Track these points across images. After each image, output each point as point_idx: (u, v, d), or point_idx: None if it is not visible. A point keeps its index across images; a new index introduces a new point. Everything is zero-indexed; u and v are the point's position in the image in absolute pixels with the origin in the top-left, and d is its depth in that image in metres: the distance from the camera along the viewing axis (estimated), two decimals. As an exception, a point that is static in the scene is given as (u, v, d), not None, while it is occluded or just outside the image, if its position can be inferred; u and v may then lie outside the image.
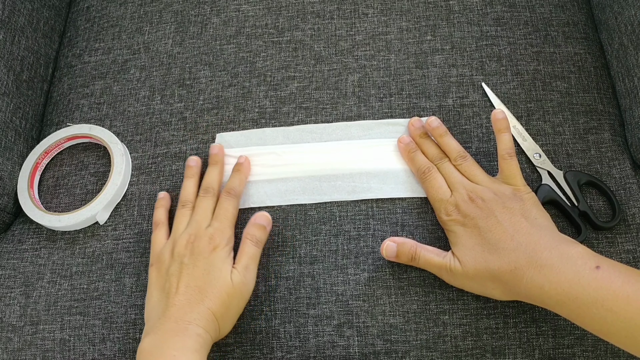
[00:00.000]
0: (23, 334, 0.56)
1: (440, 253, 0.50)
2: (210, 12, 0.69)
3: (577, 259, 0.43)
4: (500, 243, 0.47)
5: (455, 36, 0.64)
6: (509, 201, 0.49)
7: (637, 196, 0.55)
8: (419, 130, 0.58)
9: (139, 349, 0.46)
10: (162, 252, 0.53)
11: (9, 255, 0.60)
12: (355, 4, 0.67)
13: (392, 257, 0.51)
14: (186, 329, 0.46)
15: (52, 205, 0.61)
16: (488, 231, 0.48)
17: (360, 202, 0.57)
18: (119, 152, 0.61)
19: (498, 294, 0.48)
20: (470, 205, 0.50)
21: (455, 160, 0.54)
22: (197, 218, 0.53)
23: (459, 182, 0.52)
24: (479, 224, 0.48)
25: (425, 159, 0.56)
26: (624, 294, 0.40)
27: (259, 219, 0.54)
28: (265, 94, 0.63)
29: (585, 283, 0.42)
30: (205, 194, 0.55)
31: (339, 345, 0.52)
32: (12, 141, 0.63)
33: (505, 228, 0.47)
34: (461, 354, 0.51)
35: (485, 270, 0.47)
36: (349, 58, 0.64)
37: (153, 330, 0.47)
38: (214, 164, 0.58)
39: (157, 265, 0.52)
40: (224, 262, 0.50)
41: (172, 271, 0.50)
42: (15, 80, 0.65)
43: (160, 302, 0.49)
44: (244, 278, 0.50)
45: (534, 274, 0.44)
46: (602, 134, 0.59)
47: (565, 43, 0.63)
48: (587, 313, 0.42)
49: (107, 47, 0.69)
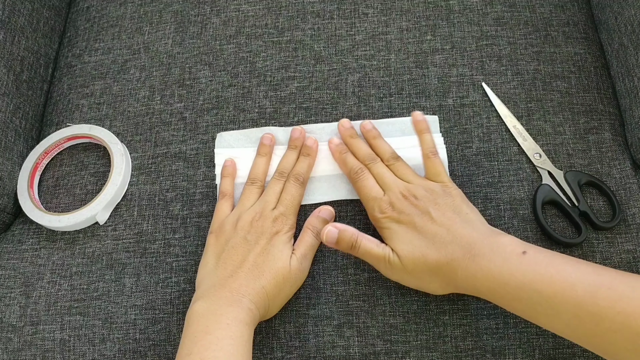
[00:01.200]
0: (23, 334, 0.56)
1: (380, 244, 0.50)
2: (210, 12, 0.69)
3: (506, 246, 0.45)
4: (436, 237, 0.48)
5: (455, 36, 0.64)
6: (440, 197, 0.51)
7: (637, 196, 0.55)
8: (349, 131, 0.59)
9: (190, 311, 0.47)
10: (225, 222, 0.53)
11: (9, 255, 0.60)
12: (355, 4, 0.67)
13: (332, 243, 0.51)
14: (240, 301, 0.47)
15: (52, 206, 0.61)
16: (423, 226, 0.49)
17: (360, 202, 0.57)
18: (118, 152, 0.61)
19: (434, 288, 0.49)
20: (404, 203, 0.51)
21: (388, 161, 0.56)
22: (267, 199, 0.54)
23: (392, 181, 0.53)
24: (415, 220, 0.49)
25: (356, 160, 0.57)
26: (548, 274, 0.42)
27: (323, 213, 0.55)
28: (265, 94, 0.63)
29: (513, 267, 0.44)
30: (280, 178, 0.56)
31: (339, 346, 0.52)
32: (12, 141, 0.63)
33: (440, 223, 0.48)
34: (461, 354, 0.51)
35: (424, 263, 0.47)
36: (349, 58, 0.64)
37: (207, 295, 0.48)
38: (294, 148, 0.59)
39: (217, 233, 0.53)
40: (285, 246, 0.51)
41: (233, 243, 0.51)
42: (15, 81, 0.65)
43: (216, 270, 0.50)
44: (301, 265, 0.52)
45: (468, 264, 0.45)
46: (602, 134, 0.59)
47: (565, 43, 0.63)
48: (515, 297, 0.43)
49: (107, 47, 0.69)
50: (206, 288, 0.49)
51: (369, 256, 0.50)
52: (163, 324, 0.54)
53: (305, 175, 0.57)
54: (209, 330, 0.45)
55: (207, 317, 0.46)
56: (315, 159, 0.58)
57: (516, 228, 0.55)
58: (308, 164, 0.57)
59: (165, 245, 0.58)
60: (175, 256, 0.57)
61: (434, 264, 0.47)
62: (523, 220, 0.55)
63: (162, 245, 0.58)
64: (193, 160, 0.61)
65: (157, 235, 0.58)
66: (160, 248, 0.57)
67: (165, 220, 0.59)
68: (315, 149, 0.58)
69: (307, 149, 0.58)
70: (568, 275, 0.42)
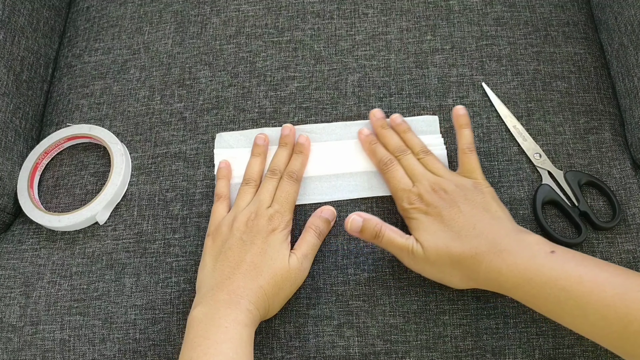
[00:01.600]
0: (23, 334, 0.56)
1: (404, 235, 0.50)
2: (210, 12, 0.69)
3: (533, 244, 0.45)
4: (462, 231, 0.48)
5: (455, 36, 0.64)
6: (470, 193, 0.50)
7: (637, 196, 0.55)
8: (380, 121, 0.59)
9: (190, 316, 0.47)
10: (221, 224, 0.53)
11: (9, 255, 0.60)
12: (355, 4, 0.67)
13: (356, 231, 0.51)
14: (238, 303, 0.47)
15: (52, 206, 0.61)
16: (451, 219, 0.49)
17: (360, 202, 0.57)
18: (118, 152, 0.61)
19: (456, 281, 0.49)
20: (433, 196, 0.51)
21: (418, 154, 0.56)
22: (261, 197, 0.54)
23: (421, 173, 0.53)
24: (442, 213, 0.49)
25: (386, 151, 0.57)
26: (577, 274, 0.42)
27: (325, 213, 0.55)
28: (265, 94, 0.63)
29: (540, 264, 0.43)
30: (273, 176, 0.56)
31: (339, 346, 0.52)
32: (12, 141, 0.63)
33: (468, 218, 0.48)
34: (461, 354, 0.51)
35: (447, 255, 0.47)
36: (349, 58, 0.64)
37: (205, 299, 0.48)
38: (284, 145, 0.58)
39: (214, 235, 0.53)
40: (281, 244, 0.51)
41: (230, 244, 0.51)
42: (15, 81, 0.65)
43: (213, 273, 0.50)
44: (301, 265, 0.51)
45: (493, 259, 0.45)
46: (602, 134, 0.59)
47: (565, 43, 0.63)
48: (541, 294, 0.43)
49: (107, 47, 0.69)
50: (205, 292, 0.49)
51: (392, 246, 0.50)
52: (163, 324, 0.54)
53: (299, 172, 0.57)
54: (208, 334, 0.45)
55: (205, 322, 0.46)
56: (308, 156, 0.58)
57: (516, 228, 0.55)
58: (301, 161, 0.57)
59: (165, 245, 0.58)
60: (175, 256, 0.57)
61: (457, 256, 0.47)
62: (523, 220, 0.55)
63: (162, 245, 0.58)
64: (193, 160, 0.61)
65: (157, 235, 0.58)
66: (160, 248, 0.57)
67: (165, 220, 0.59)
68: (307, 147, 0.58)
69: (300, 146, 0.58)
70: (597, 275, 0.41)
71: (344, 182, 0.57)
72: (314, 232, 0.54)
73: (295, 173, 0.56)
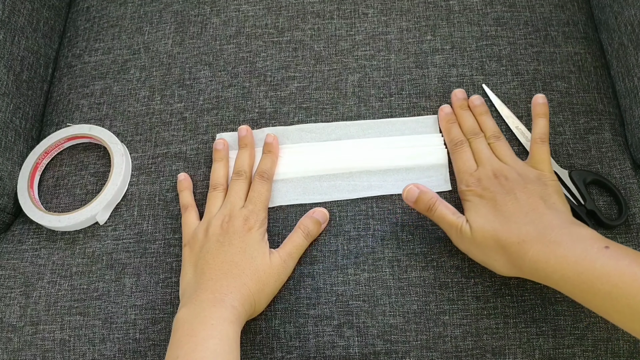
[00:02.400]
0: (23, 334, 0.56)
1: (456, 213, 0.51)
2: (210, 12, 0.69)
3: (587, 239, 0.44)
4: (513, 217, 0.48)
5: (455, 36, 0.64)
6: (531, 184, 0.50)
7: (637, 196, 0.55)
8: (461, 101, 0.59)
9: (176, 319, 0.47)
10: (195, 232, 0.54)
11: (9, 255, 0.60)
12: (355, 4, 0.67)
13: (411, 201, 0.52)
14: (223, 300, 0.47)
15: (52, 206, 0.61)
16: (504, 205, 0.49)
17: (360, 202, 0.57)
18: (119, 152, 0.60)
19: (499, 266, 0.48)
20: (493, 181, 0.51)
21: (489, 138, 0.56)
22: (231, 200, 0.54)
23: (487, 158, 0.54)
24: (497, 198, 0.49)
25: (460, 132, 0.57)
26: (631, 272, 0.41)
27: (317, 214, 0.55)
28: (265, 94, 0.63)
29: (592, 259, 0.42)
30: (238, 177, 0.56)
31: (339, 346, 0.52)
32: (12, 141, 0.63)
33: (521, 205, 0.48)
34: (461, 354, 0.51)
35: (493, 238, 0.47)
36: (349, 58, 0.64)
37: (190, 301, 0.48)
38: (244, 146, 0.59)
39: (190, 244, 0.53)
40: (260, 243, 0.52)
41: (207, 248, 0.51)
42: (15, 81, 0.65)
43: (195, 278, 0.50)
44: (284, 263, 0.52)
45: (541, 248, 0.45)
46: (602, 134, 0.59)
47: (565, 43, 0.63)
48: (591, 288, 0.42)
49: (107, 47, 0.69)
50: (189, 295, 0.49)
51: (443, 222, 0.51)
52: (163, 324, 0.54)
53: (270, 172, 0.57)
54: (194, 332, 0.45)
55: (190, 321, 0.46)
56: (277, 155, 0.59)
57: (516, 228, 0.55)
58: (271, 160, 0.58)
59: (165, 245, 0.58)
60: (176, 256, 0.57)
61: (503, 241, 0.47)
62: (523, 220, 0.55)
63: (162, 245, 0.58)
64: (193, 160, 0.61)
65: (157, 235, 0.58)
66: (160, 248, 0.57)
67: (165, 220, 0.59)
68: (276, 146, 0.59)
69: (269, 146, 0.58)
70: None
71: (343, 182, 0.57)
72: (302, 233, 0.54)
73: (267, 172, 0.57)
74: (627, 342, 0.51)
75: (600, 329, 0.51)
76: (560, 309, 0.52)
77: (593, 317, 0.51)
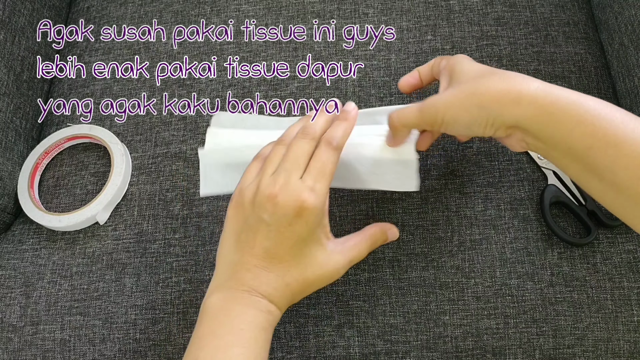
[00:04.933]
0: (23, 334, 0.56)
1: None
2: (210, 12, 0.69)
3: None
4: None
5: (455, 36, 0.64)
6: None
7: (637, 196, 0.55)
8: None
9: (206, 304, 0.43)
10: (246, 190, 0.44)
11: (9, 255, 0.60)
12: (356, 4, 0.67)
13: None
14: (259, 303, 0.42)
15: (52, 206, 0.61)
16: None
17: (360, 201, 0.57)
18: (119, 152, 0.61)
19: (483, 121, 0.43)
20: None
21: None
22: (289, 164, 0.43)
23: None
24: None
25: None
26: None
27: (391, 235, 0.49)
28: (265, 94, 0.63)
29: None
30: (304, 137, 0.44)
31: (339, 346, 0.52)
32: (13, 141, 0.63)
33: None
34: (461, 355, 0.51)
35: (480, 71, 0.46)
36: (349, 58, 0.64)
37: (224, 289, 0.43)
38: (344, 119, 0.46)
39: (236, 205, 0.44)
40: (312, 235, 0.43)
41: (251, 224, 0.43)
42: (15, 81, 0.65)
43: (234, 254, 0.43)
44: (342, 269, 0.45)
45: (540, 84, 0.43)
46: (602, 133, 0.59)
47: (565, 43, 0.63)
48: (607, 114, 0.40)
49: (107, 47, 0.69)
50: (224, 279, 0.43)
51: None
52: (163, 324, 0.54)
53: (341, 141, 0.45)
54: (219, 333, 0.41)
55: (219, 318, 0.42)
56: (353, 126, 0.47)
57: (517, 228, 0.55)
58: (344, 128, 0.45)
59: (165, 245, 0.58)
60: (175, 256, 0.57)
61: (498, 71, 0.46)
62: (524, 220, 0.55)
63: (162, 245, 0.58)
64: (193, 160, 0.61)
65: (157, 235, 0.58)
66: (160, 248, 0.57)
67: (165, 220, 0.59)
68: (354, 115, 0.47)
69: (346, 113, 0.46)
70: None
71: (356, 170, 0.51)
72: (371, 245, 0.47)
73: (337, 140, 0.44)
74: (627, 342, 0.51)
75: (601, 329, 0.51)
76: (560, 309, 0.52)
77: (593, 317, 0.51)
